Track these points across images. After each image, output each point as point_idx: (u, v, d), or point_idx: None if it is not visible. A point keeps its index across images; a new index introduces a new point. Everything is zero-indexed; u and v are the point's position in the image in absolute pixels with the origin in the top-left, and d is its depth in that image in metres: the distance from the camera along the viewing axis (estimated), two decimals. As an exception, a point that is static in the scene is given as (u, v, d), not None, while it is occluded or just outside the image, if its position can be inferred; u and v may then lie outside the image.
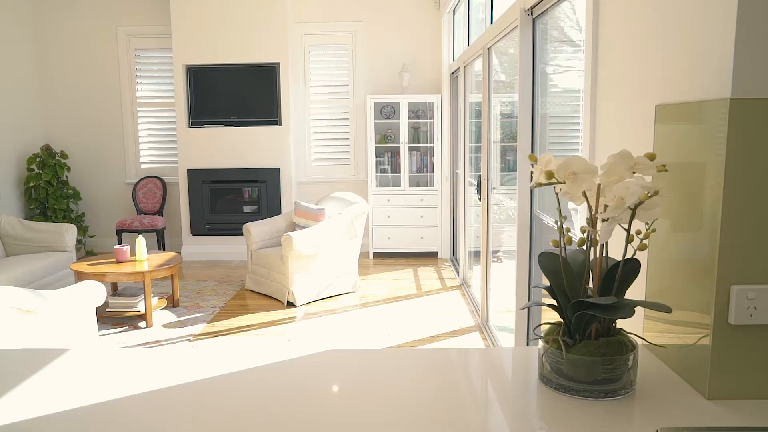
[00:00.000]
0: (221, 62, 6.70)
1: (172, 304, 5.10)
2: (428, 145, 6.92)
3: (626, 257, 1.22)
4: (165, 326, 4.61)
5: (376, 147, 6.92)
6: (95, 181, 7.33)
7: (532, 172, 1.30)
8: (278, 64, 6.69)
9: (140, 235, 5.13)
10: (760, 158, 1.09)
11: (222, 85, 6.75)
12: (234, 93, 6.76)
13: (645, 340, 1.29)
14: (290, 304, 5.17)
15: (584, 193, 1.19)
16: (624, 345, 1.18)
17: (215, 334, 4.46)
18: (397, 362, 1.37)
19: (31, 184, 6.67)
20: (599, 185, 1.16)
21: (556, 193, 1.23)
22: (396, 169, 6.95)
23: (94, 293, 3.44)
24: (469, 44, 5.27)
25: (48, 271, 5.14)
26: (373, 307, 5.11)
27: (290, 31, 6.79)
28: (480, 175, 4.41)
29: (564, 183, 1.16)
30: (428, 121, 6.92)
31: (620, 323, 1.55)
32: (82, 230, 7.05)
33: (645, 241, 1.20)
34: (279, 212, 6.81)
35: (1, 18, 6.48)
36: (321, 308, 5.11)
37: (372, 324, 4.67)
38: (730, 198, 1.10)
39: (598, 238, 1.16)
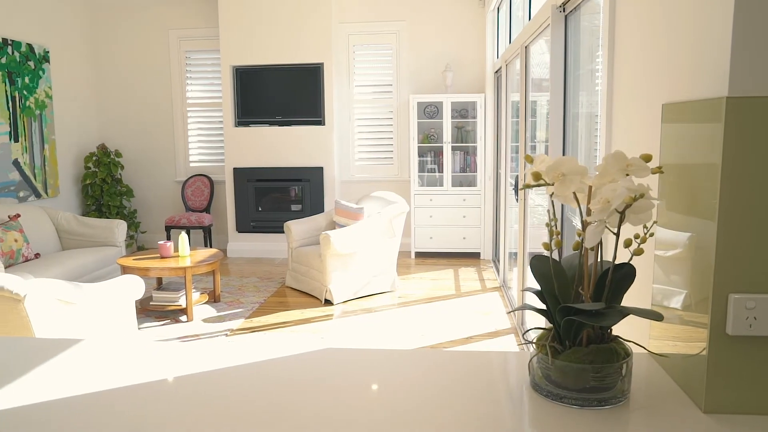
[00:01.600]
0: (267, 63, 6.82)
1: (214, 299, 5.24)
2: (472, 144, 6.85)
3: (622, 262, 1.18)
4: (205, 321, 4.74)
5: (419, 146, 6.90)
6: (147, 179, 7.60)
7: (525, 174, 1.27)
8: (322, 64, 6.76)
9: (183, 232, 5.28)
10: (759, 159, 1.03)
11: (268, 85, 6.88)
12: (279, 93, 6.88)
13: (644, 348, 1.24)
14: (328, 302, 5.22)
15: (576, 196, 1.15)
16: (615, 353, 1.14)
17: (252, 329, 4.55)
18: (395, 364, 1.36)
19: (88, 181, 6.98)
20: (590, 187, 1.13)
21: (549, 195, 1.20)
22: (439, 168, 6.91)
23: (133, 287, 3.56)
24: (511, 42, 5.18)
25: (98, 264, 5.37)
26: (410, 307, 5.10)
27: (334, 32, 6.85)
28: (517, 175, 4.34)
29: (552, 184, 1.13)
30: (472, 120, 6.85)
31: (624, 330, 1.49)
32: (134, 226, 7.32)
33: (642, 246, 1.15)
34: (322, 211, 6.89)
35: (61, 24, 6.80)
36: (358, 307, 5.14)
37: (407, 324, 4.66)
38: (727, 201, 1.05)
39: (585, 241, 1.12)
